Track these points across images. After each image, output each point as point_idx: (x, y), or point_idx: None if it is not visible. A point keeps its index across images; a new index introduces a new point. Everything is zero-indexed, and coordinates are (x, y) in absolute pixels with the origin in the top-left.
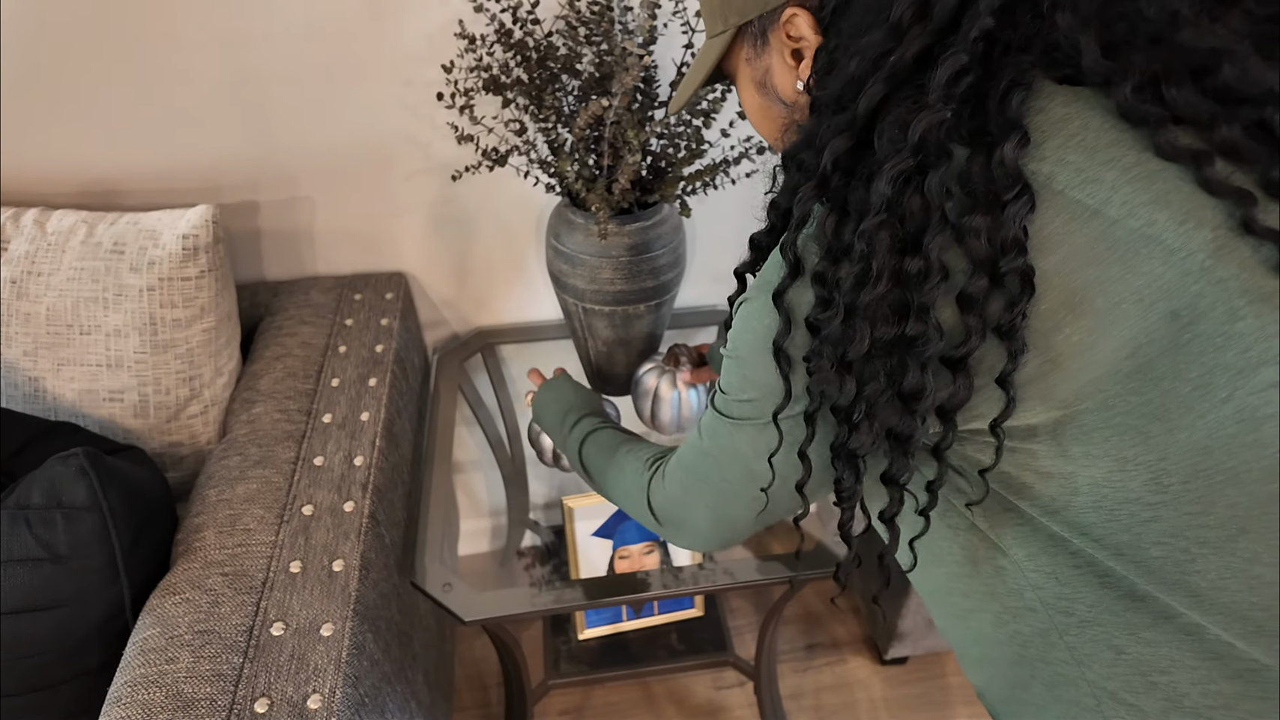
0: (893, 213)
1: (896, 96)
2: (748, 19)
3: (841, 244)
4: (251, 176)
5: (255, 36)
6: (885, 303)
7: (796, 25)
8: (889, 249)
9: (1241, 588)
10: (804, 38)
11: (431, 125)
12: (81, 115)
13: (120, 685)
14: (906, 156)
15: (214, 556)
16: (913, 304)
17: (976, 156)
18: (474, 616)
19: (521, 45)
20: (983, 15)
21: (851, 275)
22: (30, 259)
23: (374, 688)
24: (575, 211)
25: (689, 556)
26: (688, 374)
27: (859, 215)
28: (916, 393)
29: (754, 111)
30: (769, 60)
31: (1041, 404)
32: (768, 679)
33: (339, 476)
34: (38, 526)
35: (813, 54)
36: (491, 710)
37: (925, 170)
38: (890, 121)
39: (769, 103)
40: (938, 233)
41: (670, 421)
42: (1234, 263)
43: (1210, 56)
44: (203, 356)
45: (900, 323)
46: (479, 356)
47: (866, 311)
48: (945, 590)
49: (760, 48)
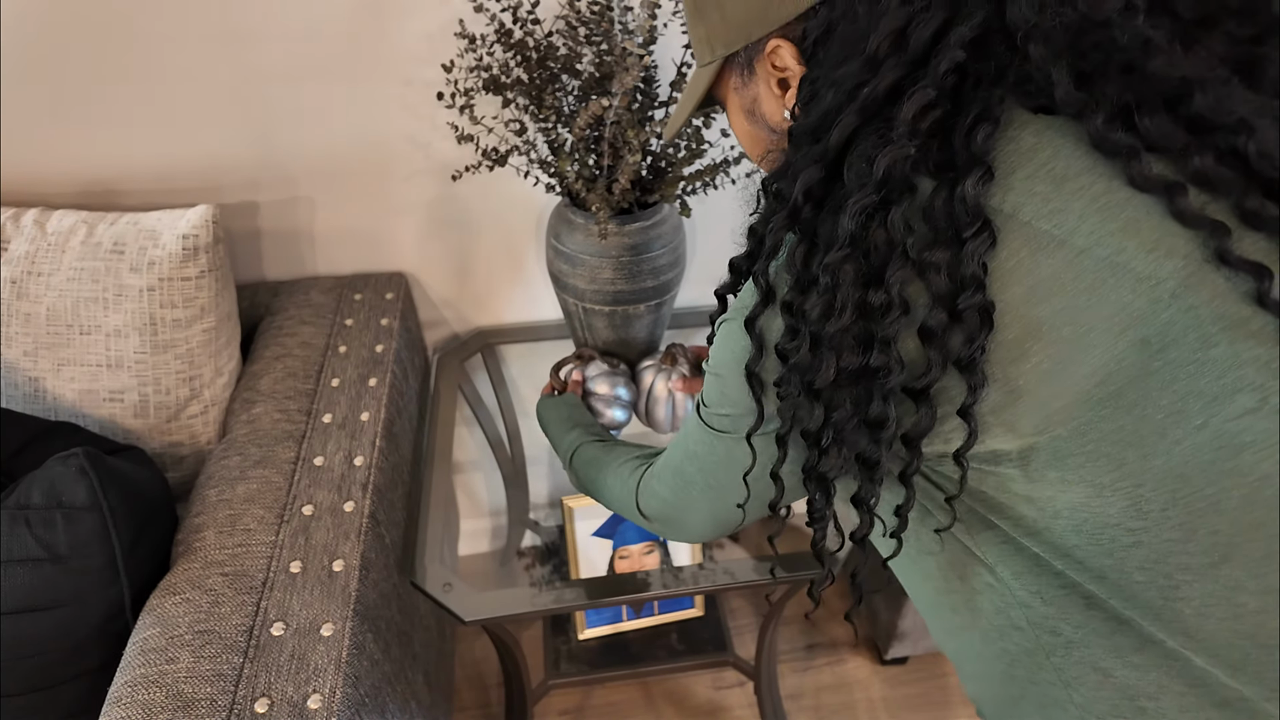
0: (857, 246)
1: (867, 129)
2: (733, 50)
3: (809, 275)
4: (251, 176)
5: (255, 36)
6: (850, 334)
7: (780, 56)
8: (853, 282)
9: (1225, 616)
10: (788, 68)
11: (432, 125)
12: (82, 115)
13: (120, 685)
14: (870, 191)
15: (214, 556)
16: (876, 336)
17: (940, 191)
18: (474, 616)
19: (521, 45)
20: (953, 48)
21: (818, 306)
22: (30, 259)
23: (374, 688)
24: (575, 211)
25: (689, 557)
26: (681, 382)
27: (826, 247)
28: (880, 421)
29: (743, 137)
30: (756, 89)
31: (1007, 432)
32: (768, 679)
33: (339, 476)
34: (38, 526)
35: (798, 84)
36: (492, 710)
37: (889, 204)
38: (858, 155)
39: (757, 130)
40: (899, 267)
41: (664, 420)
42: (1206, 290)
43: (1182, 85)
44: (203, 356)
45: (865, 353)
46: (479, 356)
47: (832, 342)
48: (935, 605)
49: (747, 77)
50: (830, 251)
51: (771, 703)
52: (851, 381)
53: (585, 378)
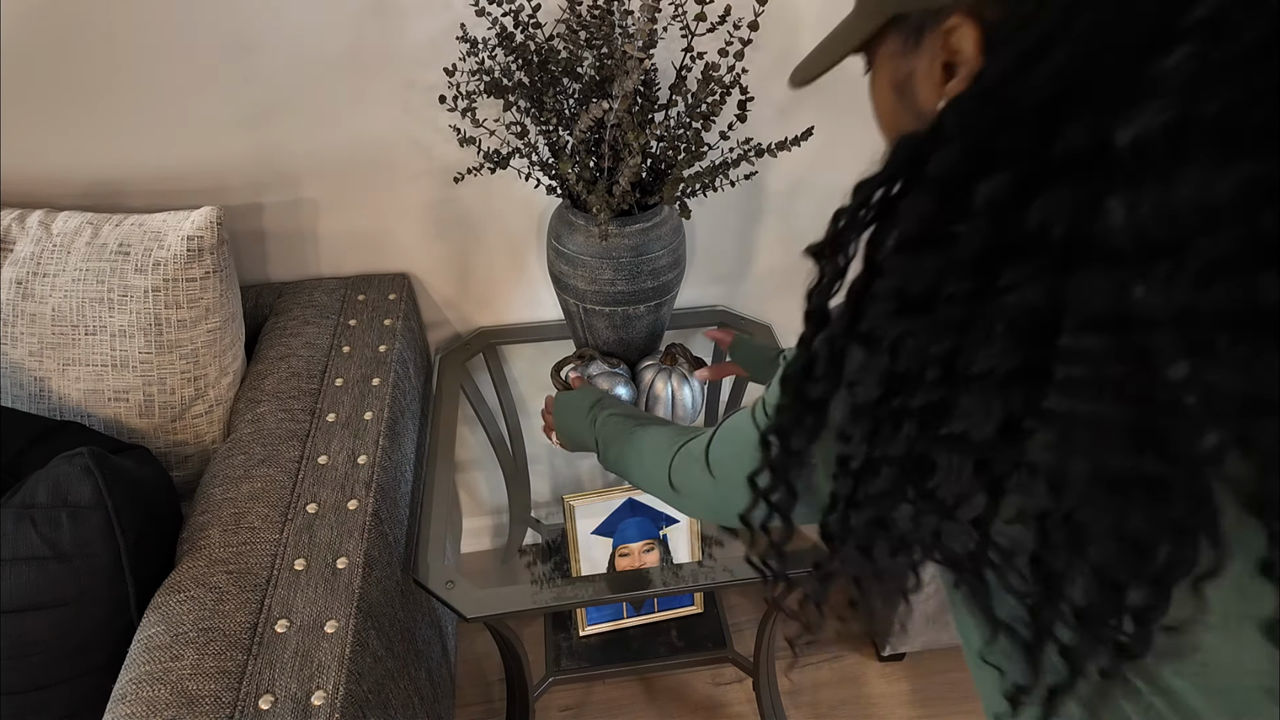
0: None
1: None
2: (907, 11)
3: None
4: (256, 178)
5: (259, 39)
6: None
7: (960, 38)
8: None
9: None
10: (963, 54)
11: (434, 128)
12: (86, 117)
13: (125, 682)
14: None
15: (218, 554)
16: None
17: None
18: (476, 613)
19: (523, 49)
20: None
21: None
22: (36, 260)
23: (377, 684)
24: (576, 213)
25: (689, 555)
26: (707, 371)
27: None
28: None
29: (883, 111)
30: (916, 64)
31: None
32: (767, 675)
33: (343, 475)
34: (43, 525)
35: (968, 75)
36: (494, 706)
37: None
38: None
39: (902, 109)
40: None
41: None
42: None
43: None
44: (207, 357)
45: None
46: (481, 356)
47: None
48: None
49: (910, 46)
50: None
51: (770, 699)
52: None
53: (586, 377)
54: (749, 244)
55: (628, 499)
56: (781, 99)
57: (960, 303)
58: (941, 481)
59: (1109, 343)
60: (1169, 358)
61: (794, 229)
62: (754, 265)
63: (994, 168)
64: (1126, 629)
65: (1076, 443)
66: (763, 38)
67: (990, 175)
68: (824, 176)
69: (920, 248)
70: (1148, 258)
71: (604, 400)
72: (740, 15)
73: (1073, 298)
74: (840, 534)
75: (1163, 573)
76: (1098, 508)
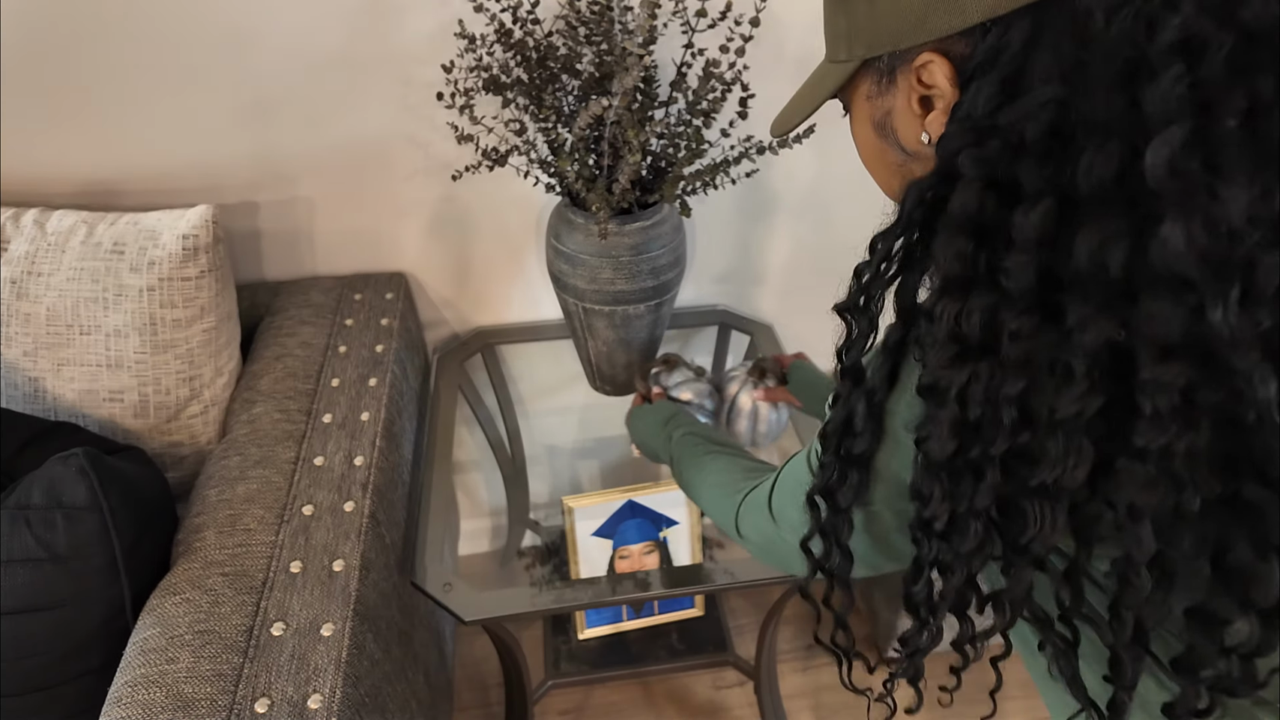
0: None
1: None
2: (876, 54)
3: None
4: (251, 176)
5: (255, 35)
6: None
7: (932, 73)
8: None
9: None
10: (937, 88)
11: (431, 125)
12: (81, 115)
13: (120, 685)
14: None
15: (214, 556)
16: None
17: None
18: (474, 616)
19: (521, 45)
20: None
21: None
22: (30, 259)
23: (374, 688)
24: (575, 211)
25: (689, 557)
26: (762, 392)
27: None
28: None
29: (867, 152)
30: (893, 102)
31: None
32: (768, 678)
33: (339, 476)
34: (38, 527)
35: (946, 108)
36: (492, 710)
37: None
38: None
39: (886, 147)
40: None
41: (745, 433)
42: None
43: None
44: (203, 357)
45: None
46: (479, 356)
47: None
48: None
49: (885, 85)
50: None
51: (772, 702)
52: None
53: (667, 386)
54: (750, 243)
55: (627, 500)
56: (782, 97)
57: (1026, 339)
58: (1035, 533)
59: (1191, 370)
60: (1257, 378)
61: (796, 228)
62: (755, 264)
63: (1022, 198)
64: (1232, 669)
65: (1174, 477)
66: (764, 34)
67: (1023, 206)
68: (825, 175)
69: (968, 288)
70: (1215, 278)
71: (678, 417)
72: (741, 11)
73: (1145, 328)
74: (928, 602)
75: (1272, 604)
76: (1197, 540)
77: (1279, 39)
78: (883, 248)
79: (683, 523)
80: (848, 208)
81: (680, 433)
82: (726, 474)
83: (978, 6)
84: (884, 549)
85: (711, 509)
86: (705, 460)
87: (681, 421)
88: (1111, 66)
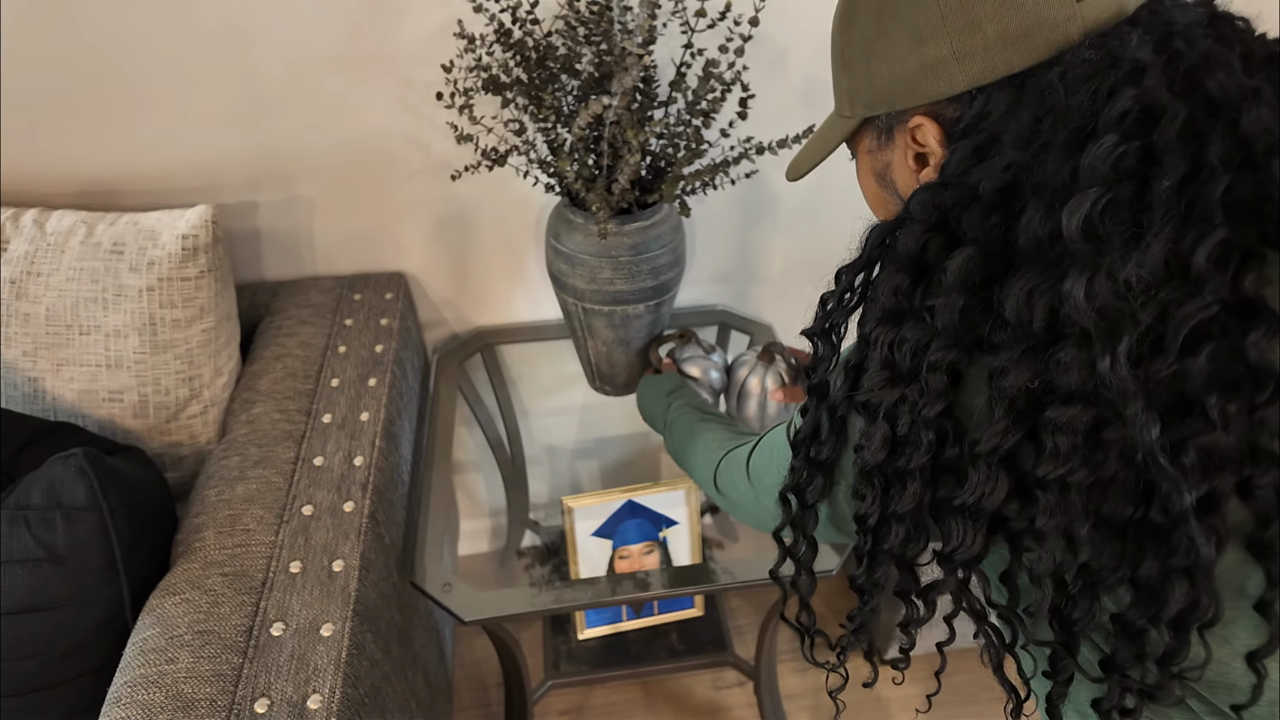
0: (1089, 401)
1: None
2: (875, 114)
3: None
4: (251, 176)
5: (255, 36)
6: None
7: (923, 134)
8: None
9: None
10: (928, 147)
11: (431, 125)
12: (81, 115)
13: (120, 685)
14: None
15: (214, 557)
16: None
17: (1216, 343)
18: (474, 616)
19: (521, 45)
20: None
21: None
22: (30, 259)
23: (374, 688)
24: (575, 211)
25: (689, 557)
26: (781, 393)
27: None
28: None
29: (871, 198)
30: (891, 156)
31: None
32: (767, 679)
33: (339, 477)
34: (37, 527)
35: (937, 165)
36: (491, 710)
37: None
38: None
39: (887, 195)
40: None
41: (753, 417)
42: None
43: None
44: (202, 357)
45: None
46: (479, 356)
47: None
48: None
49: (884, 141)
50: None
51: (771, 702)
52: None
53: (678, 359)
54: (749, 243)
55: (627, 501)
56: (782, 97)
57: (944, 371)
58: (957, 546)
59: (1096, 410)
60: (1140, 424)
61: (795, 228)
62: (754, 264)
63: (959, 243)
64: (1147, 675)
65: (1074, 504)
66: (764, 34)
67: (955, 252)
68: (825, 175)
69: (901, 320)
70: (1109, 332)
71: (681, 390)
72: (741, 11)
73: (1053, 373)
74: (868, 586)
75: (1177, 617)
76: (1110, 557)
77: (1240, 108)
78: (845, 280)
79: (682, 523)
80: (847, 208)
81: (679, 403)
82: (713, 435)
83: (964, 77)
84: (841, 531)
85: (694, 466)
86: (697, 426)
87: (684, 394)
88: (1063, 134)
